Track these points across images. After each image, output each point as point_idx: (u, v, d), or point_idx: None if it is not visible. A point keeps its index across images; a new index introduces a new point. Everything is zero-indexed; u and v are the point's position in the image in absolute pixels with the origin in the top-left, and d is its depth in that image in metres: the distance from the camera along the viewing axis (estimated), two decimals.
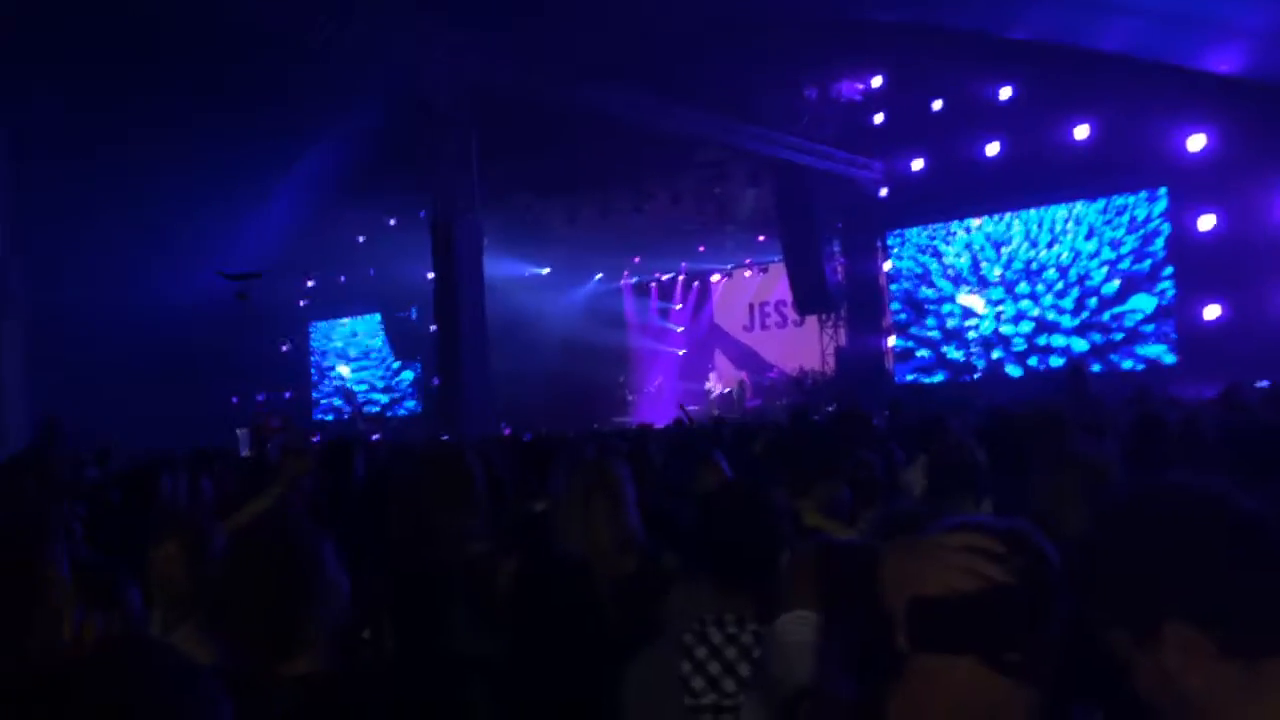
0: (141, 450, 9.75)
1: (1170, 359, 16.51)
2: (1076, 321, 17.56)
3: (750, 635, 2.19)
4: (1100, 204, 17.37)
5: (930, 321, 19.44)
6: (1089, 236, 17.53)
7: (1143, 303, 16.89)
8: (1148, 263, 16.88)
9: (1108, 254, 17.29)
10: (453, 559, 2.89)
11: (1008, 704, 1.18)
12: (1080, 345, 17.37)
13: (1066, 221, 17.80)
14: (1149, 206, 16.92)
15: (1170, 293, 16.61)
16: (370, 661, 2.62)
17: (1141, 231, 16.99)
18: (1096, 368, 16.34)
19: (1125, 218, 17.17)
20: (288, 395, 28.34)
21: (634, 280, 26.74)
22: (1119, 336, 17.08)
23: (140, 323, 21.55)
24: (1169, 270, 16.63)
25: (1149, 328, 16.85)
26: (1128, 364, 16.93)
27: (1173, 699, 1.16)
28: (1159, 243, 16.79)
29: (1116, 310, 17.14)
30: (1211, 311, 15.98)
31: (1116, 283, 17.15)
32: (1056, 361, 17.45)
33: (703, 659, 2.20)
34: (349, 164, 20.38)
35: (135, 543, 2.78)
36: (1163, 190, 16.70)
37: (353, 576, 2.03)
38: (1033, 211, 18.14)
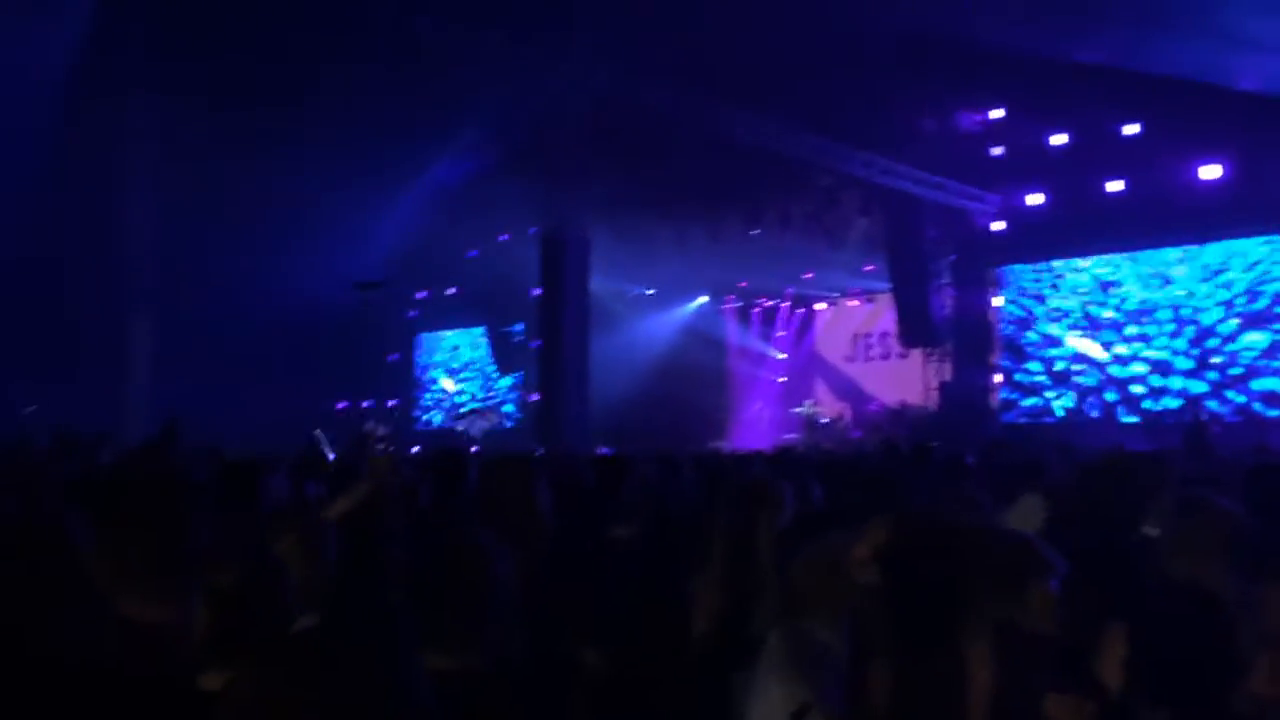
0: (247, 452, 10.05)
1: None
2: (1191, 363, 16.90)
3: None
4: (1221, 245, 16.71)
5: (1035, 366, 18.93)
6: (1204, 279, 16.88)
7: (1257, 340, 16.17)
8: (1263, 301, 16.17)
9: (1222, 295, 16.64)
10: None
11: None
12: (1198, 387, 16.70)
13: (1180, 263, 17.17)
14: (1270, 249, 16.22)
15: None
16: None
17: (1257, 272, 16.29)
18: (1213, 404, 15.75)
19: (1245, 259, 16.48)
20: (392, 404, 29.01)
21: (738, 304, 26.66)
22: (1236, 371, 16.37)
23: (261, 324, 22.31)
24: None
25: (1268, 362, 16.13)
26: (1241, 399, 16.20)
27: None
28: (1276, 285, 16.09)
29: (1231, 349, 16.44)
30: None
31: (1234, 322, 16.47)
32: (1172, 403, 16.82)
33: None
34: (466, 177, 20.80)
35: (237, 540, 2.85)
36: None
37: None
38: (1145, 253, 17.54)
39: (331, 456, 16.16)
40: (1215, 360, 16.67)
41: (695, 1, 14.16)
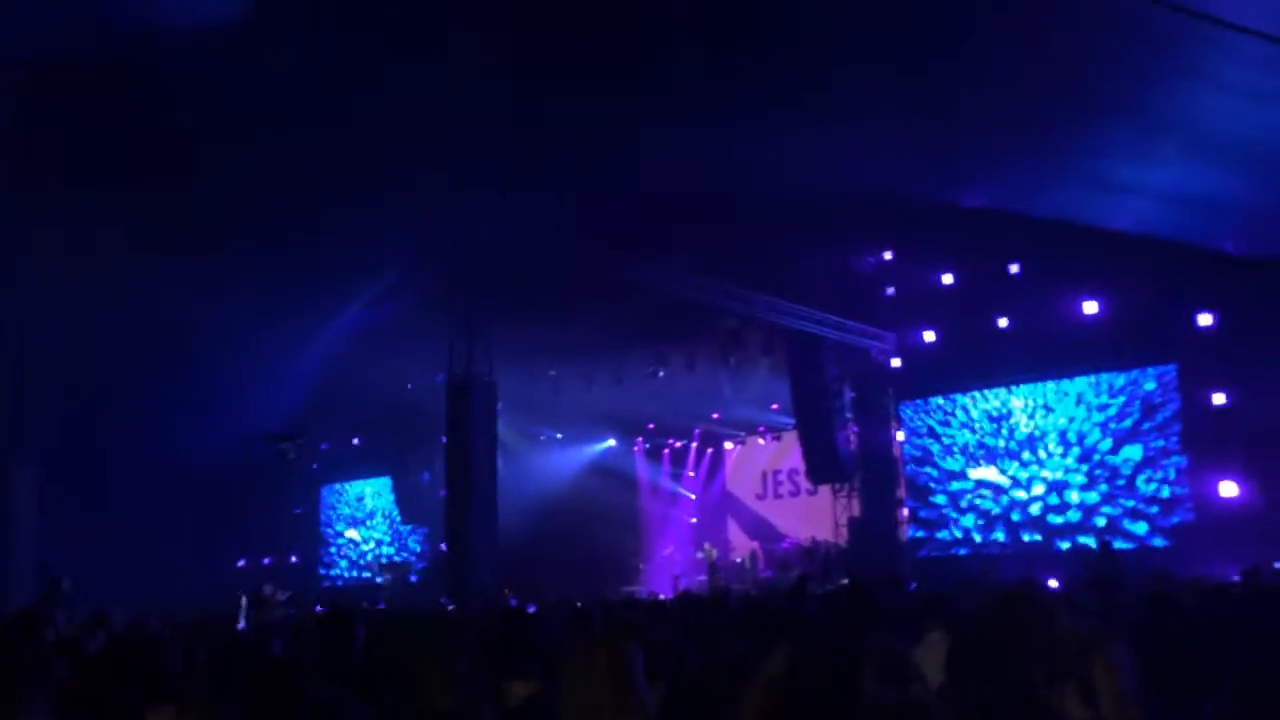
0: (141, 615, 9.61)
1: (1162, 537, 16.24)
2: (1083, 479, 17.48)
3: None
4: (1105, 378, 17.48)
5: (940, 499, 19.30)
6: (1091, 408, 17.62)
7: (1132, 452, 17.00)
8: (1129, 421, 16.97)
9: (1097, 418, 17.47)
10: None
11: None
12: (1091, 498, 17.27)
13: (1066, 394, 17.93)
14: (1157, 382, 17.00)
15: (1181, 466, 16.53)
16: None
17: (1143, 405, 17.10)
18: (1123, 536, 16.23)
19: (1127, 391, 17.28)
20: (294, 559, 28.06)
21: (647, 446, 26.73)
22: (1120, 482, 16.95)
23: (157, 478, 21.55)
24: (1180, 446, 16.57)
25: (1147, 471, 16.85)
26: (1142, 527, 16.71)
27: None
28: (1165, 417, 16.82)
29: (1112, 461, 17.13)
30: (1227, 489, 15.79)
31: (1109, 441, 17.22)
32: (1074, 516, 17.35)
33: None
34: (370, 327, 20.71)
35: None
36: (1172, 366, 16.78)
37: None
38: (1030, 386, 18.27)
39: (243, 625, 15.45)
40: (1098, 474, 17.30)
41: (597, 152, 14.61)
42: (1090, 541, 16.82)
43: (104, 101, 11.24)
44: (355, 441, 25.91)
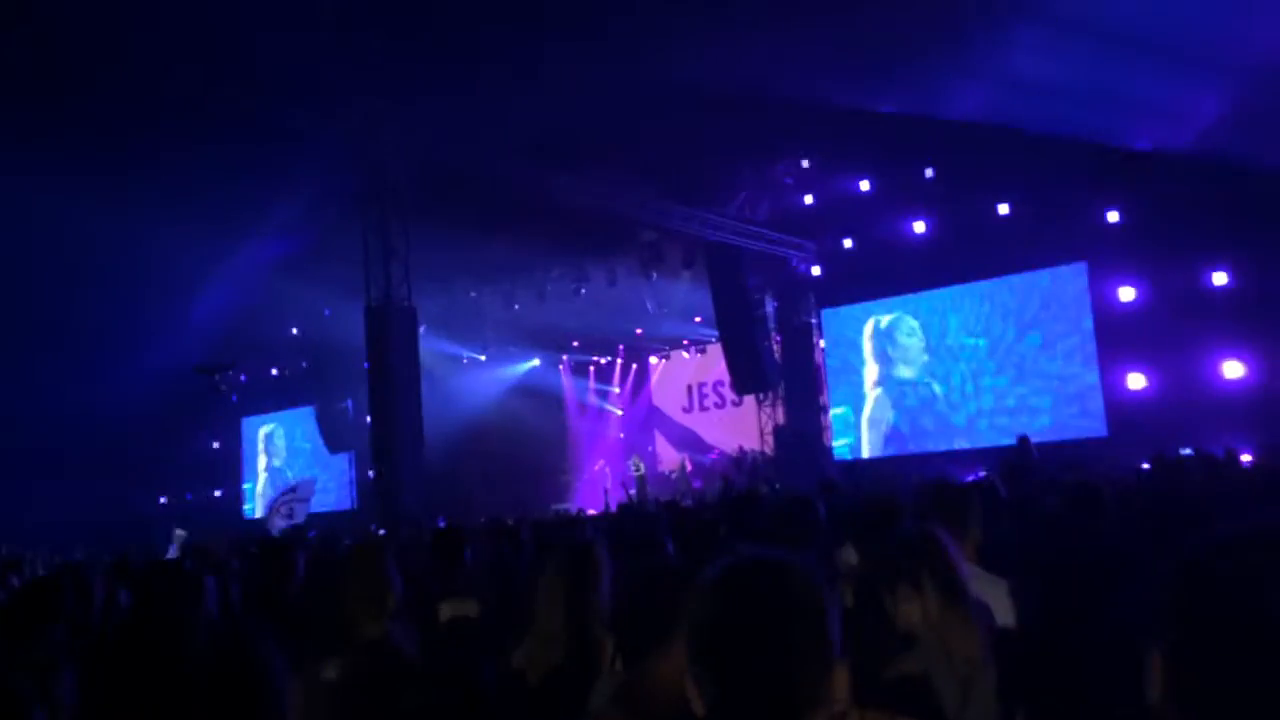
0: (61, 559, 9.37)
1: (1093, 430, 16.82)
2: (998, 376, 17.96)
3: None
4: (1020, 278, 17.82)
5: (862, 403, 19.66)
6: (1006, 308, 17.99)
7: (1034, 337, 17.53)
8: (1074, 339, 17.31)
9: (1022, 318, 17.81)
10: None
11: None
12: (1005, 393, 17.77)
13: (981, 295, 18.28)
14: (1070, 280, 17.39)
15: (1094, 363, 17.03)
16: None
17: (1059, 303, 17.49)
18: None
19: (1044, 291, 17.65)
20: (218, 493, 27.65)
21: (572, 363, 26.70)
22: (1049, 404, 17.39)
23: (68, 418, 20.91)
24: (1092, 342, 17.03)
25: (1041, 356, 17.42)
26: (1048, 413, 17.26)
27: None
28: (1079, 314, 17.24)
29: (1039, 378, 17.53)
30: (1136, 381, 16.34)
31: (1040, 345, 17.60)
32: (989, 405, 17.90)
33: None
34: (284, 254, 20.15)
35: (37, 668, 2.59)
36: (1082, 264, 17.17)
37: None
38: (949, 289, 18.57)
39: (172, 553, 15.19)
40: (1009, 368, 17.86)
41: (509, 65, 14.24)
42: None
43: None
44: (274, 372, 25.42)
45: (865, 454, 19.54)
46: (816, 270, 20.18)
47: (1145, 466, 9.63)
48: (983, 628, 2.36)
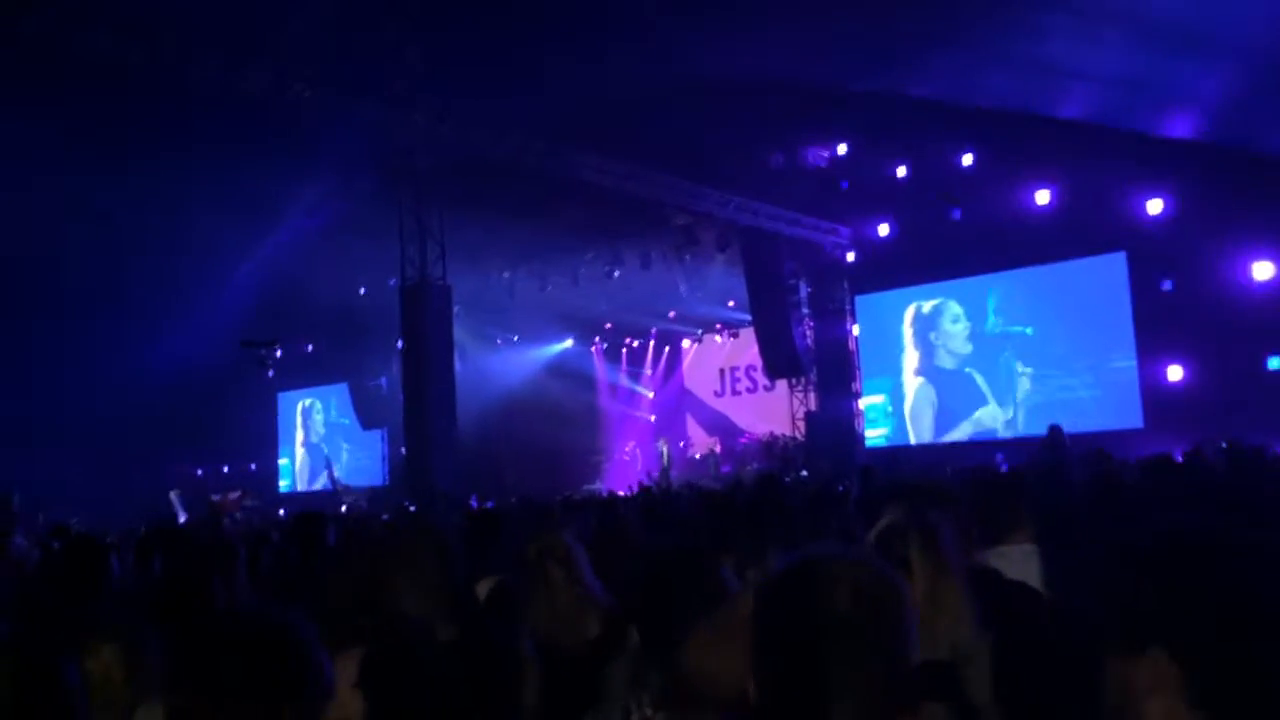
0: (99, 528, 9.54)
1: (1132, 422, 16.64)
2: (1036, 366, 17.81)
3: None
4: (1058, 267, 17.63)
5: (896, 391, 19.56)
6: (1045, 299, 17.81)
7: (1100, 359, 17.21)
8: (1112, 330, 17.10)
9: (1063, 312, 17.60)
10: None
11: None
12: (1043, 383, 17.62)
13: (1019, 283, 18.11)
14: (1108, 270, 17.18)
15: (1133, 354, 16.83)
16: None
17: (1097, 293, 17.28)
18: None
19: (1082, 280, 17.44)
20: (253, 467, 28.00)
21: (604, 346, 26.76)
22: (1086, 394, 17.22)
23: (108, 391, 21.26)
24: (1131, 333, 16.83)
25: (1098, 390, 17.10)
26: (1090, 405, 17.10)
27: None
28: (1117, 304, 17.03)
29: (1077, 368, 17.35)
30: (1174, 373, 16.15)
31: (1080, 335, 17.42)
32: (1027, 396, 17.74)
33: None
34: (320, 232, 20.34)
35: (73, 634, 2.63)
36: (1121, 254, 16.95)
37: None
38: (986, 277, 18.41)
39: (183, 518, 15.46)
40: (1049, 359, 17.67)
41: (547, 49, 14.27)
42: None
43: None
44: (309, 348, 25.64)
45: (911, 439, 19.42)
46: (851, 256, 20.08)
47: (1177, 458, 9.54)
48: (978, 611, 2.36)
